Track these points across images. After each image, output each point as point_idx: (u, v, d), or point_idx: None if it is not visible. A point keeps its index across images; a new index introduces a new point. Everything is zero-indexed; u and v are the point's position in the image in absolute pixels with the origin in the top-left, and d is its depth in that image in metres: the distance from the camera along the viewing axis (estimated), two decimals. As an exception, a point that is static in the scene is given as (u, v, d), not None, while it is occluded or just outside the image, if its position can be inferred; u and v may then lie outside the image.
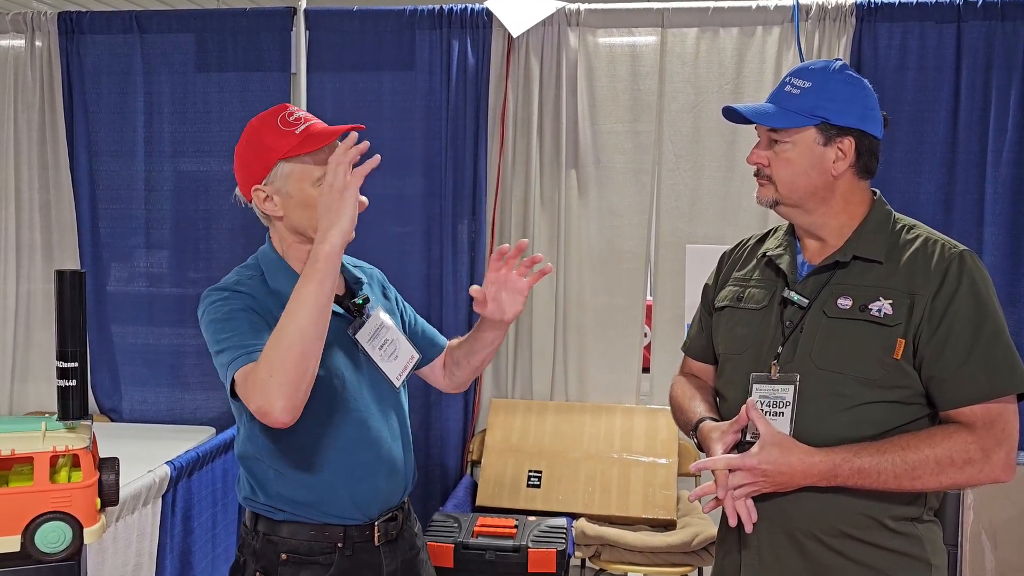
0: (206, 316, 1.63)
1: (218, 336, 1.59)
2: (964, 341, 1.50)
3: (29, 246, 3.80)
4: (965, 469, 1.48)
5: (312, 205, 1.63)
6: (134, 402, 3.78)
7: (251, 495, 1.72)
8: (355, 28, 3.62)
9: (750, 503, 1.53)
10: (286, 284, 1.63)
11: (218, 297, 1.64)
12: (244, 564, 1.72)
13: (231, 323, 1.59)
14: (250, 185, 1.68)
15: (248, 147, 1.69)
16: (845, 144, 1.59)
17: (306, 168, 1.64)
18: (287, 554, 1.67)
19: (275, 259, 1.72)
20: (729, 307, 1.75)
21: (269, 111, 1.69)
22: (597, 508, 3.32)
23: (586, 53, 3.56)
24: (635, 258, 3.61)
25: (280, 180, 1.65)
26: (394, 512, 1.76)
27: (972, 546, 3.08)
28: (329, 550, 1.67)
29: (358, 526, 1.70)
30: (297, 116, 1.67)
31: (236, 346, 1.55)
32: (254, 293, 1.64)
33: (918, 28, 3.33)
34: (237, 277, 1.69)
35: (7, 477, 1.37)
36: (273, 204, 1.67)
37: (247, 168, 1.69)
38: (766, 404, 1.58)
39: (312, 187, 1.64)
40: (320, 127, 1.66)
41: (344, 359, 1.70)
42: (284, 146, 1.63)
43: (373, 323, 1.75)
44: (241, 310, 1.60)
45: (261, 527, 1.70)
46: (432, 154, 3.61)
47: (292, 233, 1.70)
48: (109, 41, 3.70)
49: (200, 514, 2.86)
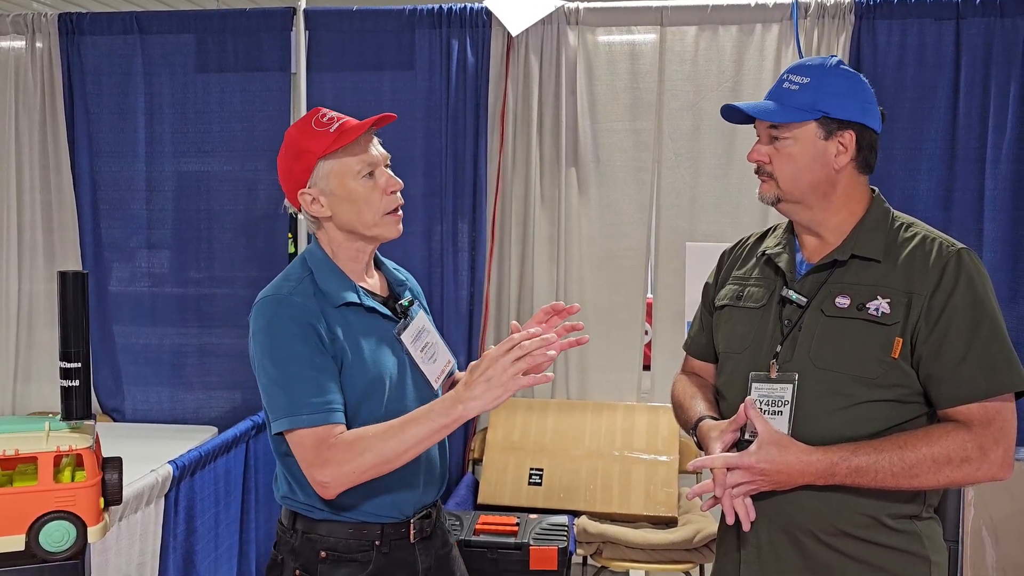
0: (264, 338, 1.63)
1: (277, 371, 1.61)
2: (961, 339, 1.50)
3: (31, 247, 3.81)
4: (963, 467, 1.48)
5: (356, 199, 1.69)
6: (136, 402, 3.79)
7: (289, 493, 1.72)
8: (355, 28, 3.63)
9: (748, 501, 1.54)
10: (336, 285, 1.69)
11: (275, 315, 1.63)
12: (282, 562, 1.72)
13: (294, 366, 1.60)
14: (296, 191, 1.71)
15: (288, 154, 1.72)
16: (846, 138, 1.60)
17: (345, 163, 1.68)
18: (326, 552, 1.68)
19: (324, 259, 1.73)
20: (729, 306, 1.75)
21: (303, 117, 1.74)
22: (598, 506, 3.33)
23: (585, 52, 3.56)
24: (635, 256, 3.61)
25: (322, 180, 1.68)
26: (428, 510, 1.77)
27: (973, 542, 3.08)
28: (367, 548, 1.69)
29: (394, 524, 1.71)
30: (330, 116, 1.71)
31: (299, 396, 1.59)
32: (307, 303, 1.64)
33: (917, 25, 3.33)
34: (289, 284, 1.68)
35: (11, 477, 1.38)
36: (320, 205, 1.70)
37: (290, 175, 1.72)
38: (765, 403, 1.58)
39: (354, 181, 1.69)
40: (353, 123, 1.70)
41: (392, 360, 1.72)
42: (320, 146, 1.67)
43: (416, 325, 1.77)
44: (303, 344, 1.61)
45: (300, 525, 1.70)
46: (432, 153, 3.62)
47: (342, 232, 1.72)
48: (109, 42, 3.70)
49: (203, 513, 2.87)
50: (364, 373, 1.66)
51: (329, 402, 1.60)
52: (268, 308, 1.66)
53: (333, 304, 1.67)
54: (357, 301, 1.70)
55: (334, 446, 1.57)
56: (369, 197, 1.70)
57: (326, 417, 1.58)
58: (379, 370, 1.68)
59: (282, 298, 1.66)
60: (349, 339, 1.66)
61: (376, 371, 1.67)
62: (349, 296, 1.69)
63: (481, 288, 3.61)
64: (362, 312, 1.71)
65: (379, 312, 1.73)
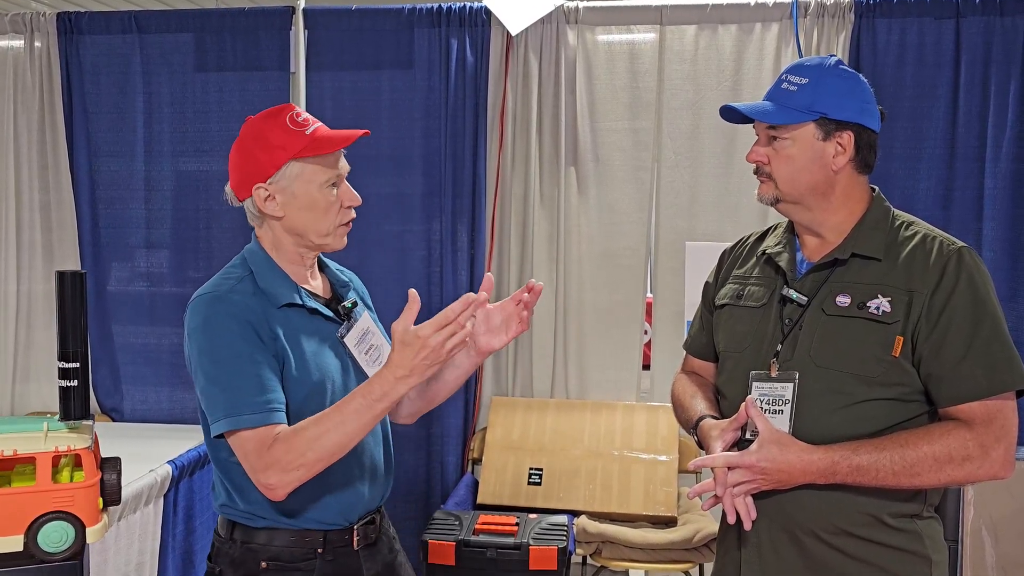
0: (201, 336, 1.59)
1: (216, 370, 1.57)
2: (962, 338, 1.50)
3: (29, 246, 3.80)
4: (964, 466, 1.48)
5: (316, 208, 1.65)
6: (135, 402, 3.78)
7: (228, 501, 1.67)
8: (354, 27, 3.63)
9: (749, 500, 1.53)
10: (277, 285, 1.65)
11: (212, 313, 1.59)
12: (220, 574, 1.67)
13: (234, 364, 1.56)
14: (251, 183, 1.65)
15: (253, 144, 1.66)
16: (844, 138, 1.60)
17: (316, 170, 1.64)
18: (267, 561, 1.63)
19: (266, 259, 1.69)
20: (729, 305, 1.75)
21: (273, 110, 1.68)
22: (598, 505, 3.33)
23: (585, 51, 3.56)
24: (635, 255, 3.61)
25: (287, 180, 1.64)
26: (372, 515, 1.74)
27: (973, 541, 3.08)
28: (310, 556, 1.65)
29: (338, 531, 1.67)
30: (304, 118, 1.66)
31: (239, 395, 1.54)
32: (247, 301, 1.61)
33: (917, 24, 3.33)
34: (229, 282, 1.65)
35: (9, 477, 1.37)
36: (275, 204, 1.65)
37: (250, 165, 1.65)
38: (765, 402, 1.58)
39: (318, 190, 1.64)
40: (327, 131, 1.66)
41: (335, 362, 1.69)
42: (295, 146, 1.62)
43: (360, 327, 1.74)
44: (243, 341, 1.57)
45: (238, 535, 1.66)
46: (431, 152, 3.61)
47: (289, 235, 1.68)
48: (108, 41, 3.70)
49: (202, 513, 2.87)
50: (306, 376, 1.62)
51: (270, 401, 1.55)
52: (205, 306, 1.61)
53: (274, 305, 1.63)
54: (299, 302, 1.66)
55: (276, 446, 1.53)
56: (329, 208, 1.66)
57: (267, 417, 1.54)
58: (321, 373, 1.64)
59: (220, 296, 1.61)
60: (290, 340, 1.62)
61: (319, 374, 1.64)
62: (291, 297, 1.66)
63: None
64: (304, 314, 1.67)
65: (321, 314, 1.69)
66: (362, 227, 3.67)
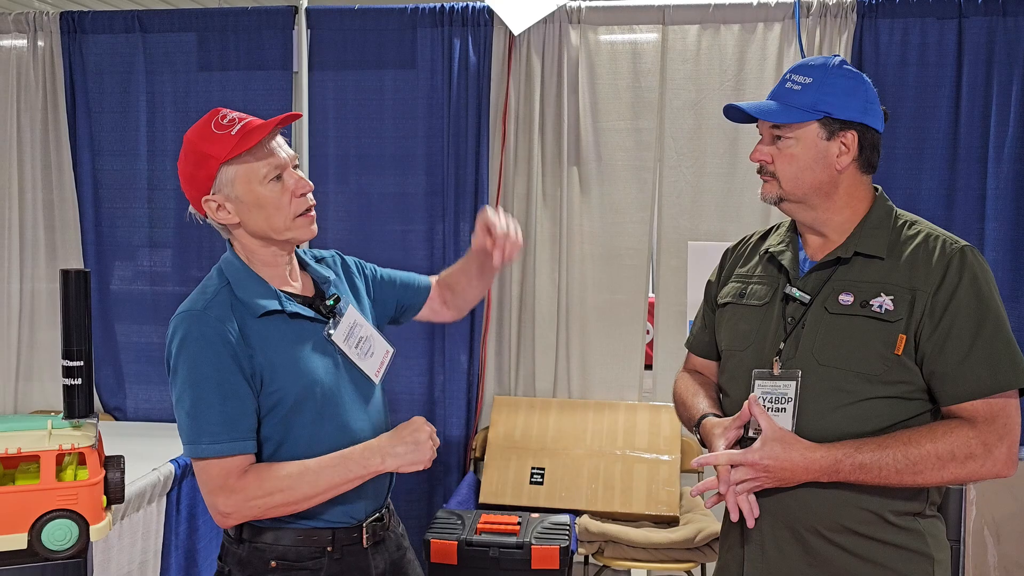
0: (177, 359, 1.59)
1: (189, 396, 1.58)
2: (965, 336, 1.50)
3: (33, 245, 3.81)
4: (966, 464, 1.48)
5: (265, 204, 1.62)
6: (138, 400, 3.79)
7: None
8: (357, 26, 3.63)
9: (752, 498, 1.54)
10: (256, 294, 1.63)
11: (188, 335, 1.58)
12: (229, 574, 1.68)
13: (203, 389, 1.57)
14: (199, 198, 1.63)
15: (188, 160, 1.63)
16: (848, 138, 1.60)
17: (250, 167, 1.60)
18: (276, 561, 1.63)
19: (242, 268, 1.67)
20: (732, 303, 1.75)
21: (202, 119, 1.64)
22: (600, 505, 3.33)
23: (587, 50, 3.56)
24: (637, 255, 3.61)
25: (227, 186, 1.61)
26: (380, 513, 1.74)
27: (975, 541, 3.08)
28: (318, 555, 1.65)
29: (346, 529, 1.67)
30: (231, 118, 1.61)
31: (207, 425, 1.56)
32: (224, 316, 1.59)
33: (919, 24, 3.33)
34: (205, 298, 1.63)
35: (13, 475, 1.38)
36: (227, 212, 1.63)
37: (192, 182, 1.63)
38: (768, 400, 1.58)
39: (261, 186, 1.61)
40: (256, 122, 1.61)
41: (323, 363, 1.66)
42: (222, 150, 1.58)
43: (347, 322, 1.71)
44: (214, 367, 1.56)
45: (246, 534, 1.65)
46: (434, 152, 3.61)
47: (256, 239, 1.66)
48: (111, 40, 3.70)
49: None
50: (293, 383, 1.61)
51: (238, 431, 1.56)
52: (182, 326, 1.60)
53: (254, 314, 1.61)
54: (279, 308, 1.64)
55: (243, 478, 1.55)
56: (278, 202, 1.62)
57: (232, 448, 1.55)
58: (310, 377, 1.63)
59: (196, 314, 1.60)
60: (272, 351, 1.60)
61: (307, 379, 1.62)
62: (270, 304, 1.63)
63: (482, 287, 3.60)
64: (287, 319, 1.64)
65: (305, 316, 1.67)
66: (365, 227, 3.71)
